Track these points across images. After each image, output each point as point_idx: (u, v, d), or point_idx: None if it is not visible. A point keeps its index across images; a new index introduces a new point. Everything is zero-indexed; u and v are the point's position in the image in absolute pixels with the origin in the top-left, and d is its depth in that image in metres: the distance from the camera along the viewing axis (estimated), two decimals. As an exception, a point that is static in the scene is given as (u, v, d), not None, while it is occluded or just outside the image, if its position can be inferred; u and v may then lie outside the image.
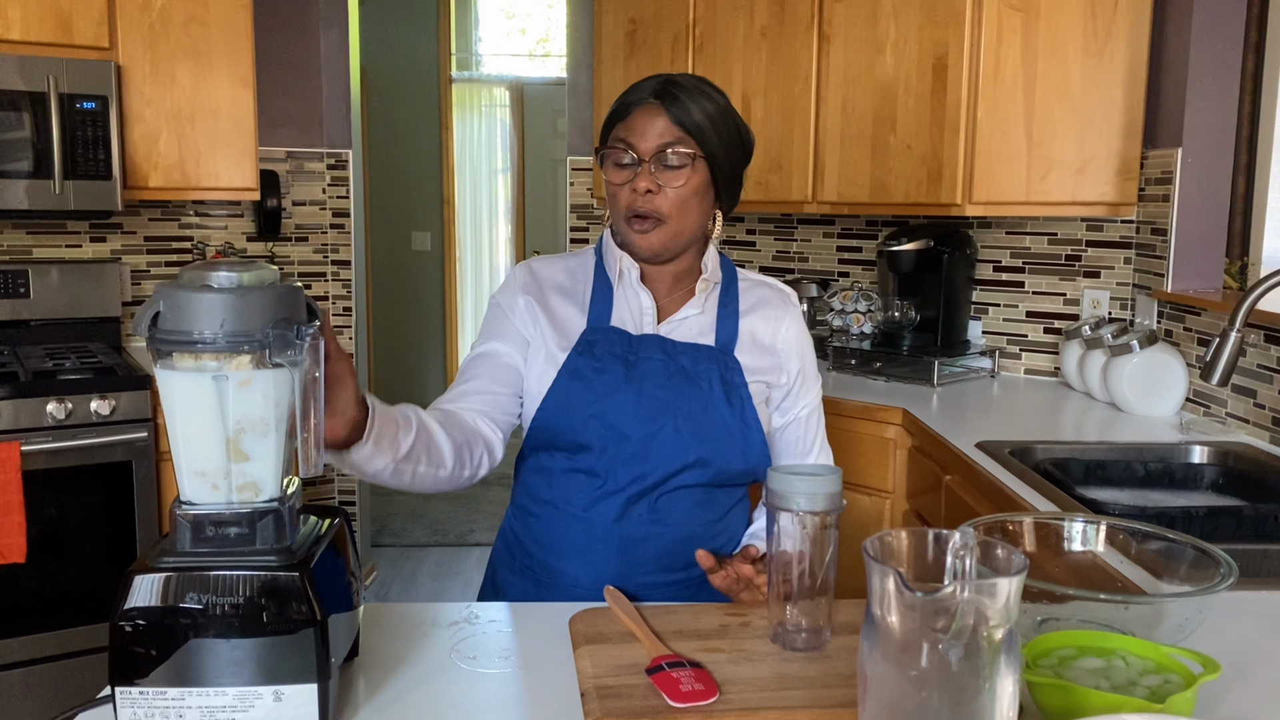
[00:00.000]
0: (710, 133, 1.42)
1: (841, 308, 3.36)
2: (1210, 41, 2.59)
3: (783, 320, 1.54)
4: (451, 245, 6.73)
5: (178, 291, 0.93)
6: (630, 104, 1.44)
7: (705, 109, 1.42)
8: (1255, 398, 2.32)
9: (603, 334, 1.46)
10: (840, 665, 1.11)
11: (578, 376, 1.43)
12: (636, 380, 1.43)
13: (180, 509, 0.96)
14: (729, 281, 1.55)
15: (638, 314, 1.49)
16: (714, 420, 1.44)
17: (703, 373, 1.45)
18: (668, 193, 1.42)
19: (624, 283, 1.50)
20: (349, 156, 3.78)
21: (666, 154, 1.41)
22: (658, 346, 1.46)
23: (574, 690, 1.08)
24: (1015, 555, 0.82)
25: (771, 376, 1.52)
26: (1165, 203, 2.67)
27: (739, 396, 1.46)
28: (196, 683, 0.93)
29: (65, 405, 2.73)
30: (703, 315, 1.51)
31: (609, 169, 1.46)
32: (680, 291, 1.52)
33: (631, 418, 1.42)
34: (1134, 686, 0.98)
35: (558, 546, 1.48)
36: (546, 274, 1.54)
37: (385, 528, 4.83)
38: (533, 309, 1.50)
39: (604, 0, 3.61)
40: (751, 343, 1.51)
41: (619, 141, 1.44)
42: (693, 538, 1.47)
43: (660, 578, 1.47)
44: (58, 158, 2.87)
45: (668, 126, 1.41)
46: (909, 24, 2.85)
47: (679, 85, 1.42)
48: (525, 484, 1.54)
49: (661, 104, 1.41)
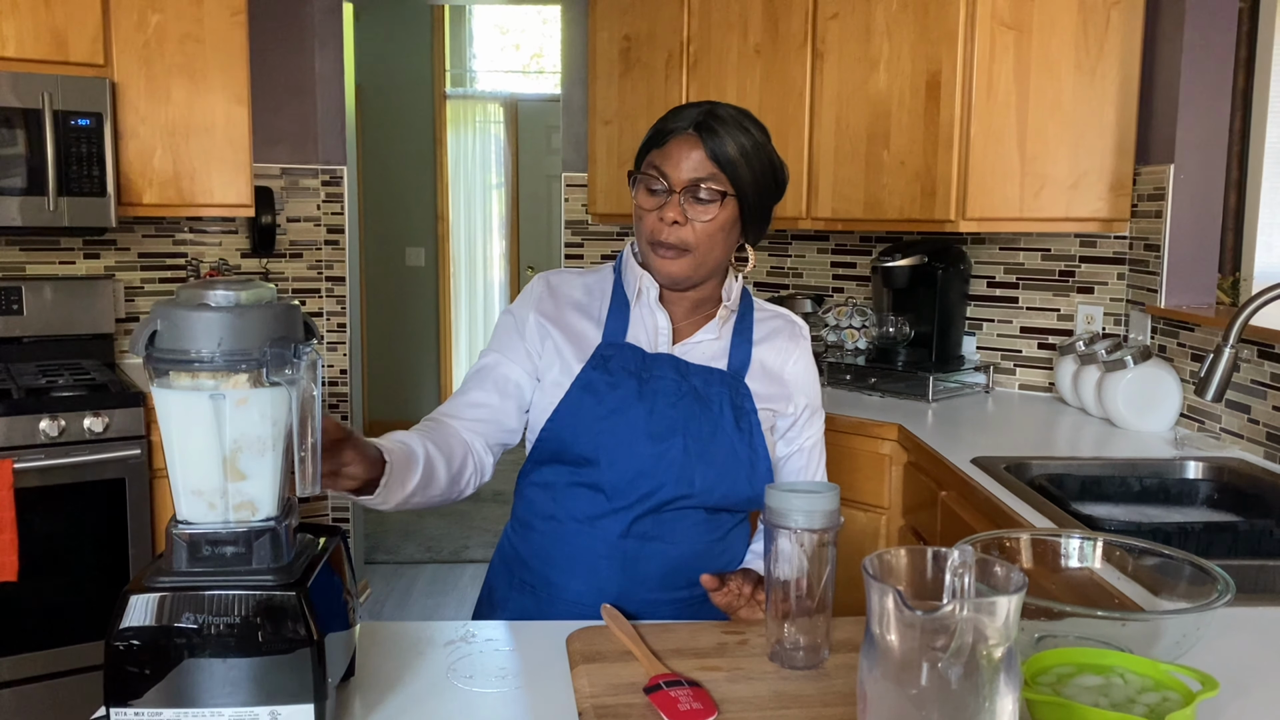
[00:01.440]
0: (744, 170, 1.42)
1: (836, 323, 3.36)
2: (1201, 59, 2.60)
3: (793, 352, 1.55)
4: (446, 261, 6.73)
5: (175, 310, 0.93)
6: (669, 132, 1.43)
7: (742, 145, 1.41)
8: (1249, 413, 2.32)
9: (617, 349, 1.47)
10: (839, 683, 1.11)
11: (590, 390, 1.44)
12: (649, 398, 1.44)
13: (176, 528, 0.96)
14: (745, 310, 1.55)
15: (653, 333, 1.49)
16: (722, 443, 1.44)
17: (714, 395, 1.46)
18: (695, 226, 1.42)
19: (641, 301, 1.50)
20: (344, 173, 3.79)
21: (699, 188, 1.41)
22: (671, 366, 1.46)
23: (571, 710, 1.07)
24: (1014, 573, 0.82)
25: (779, 405, 1.52)
26: (1158, 219, 2.68)
27: (749, 423, 1.46)
28: (192, 703, 0.92)
29: (58, 422, 2.72)
30: (718, 341, 1.51)
31: (640, 193, 1.46)
32: (697, 316, 1.52)
33: (642, 434, 1.42)
34: (1133, 704, 0.97)
35: (560, 561, 1.47)
36: (565, 290, 1.54)
37: (379, 545, 4.81)
38: (544, 328, 1.50)
39: (598, 17, 3.63)
40: (762, 371, 1.52)
41: (653, 169, 1.43)
42: (697, 555, 1.47)
43: (663, 595, 1.46)
44: (52, 174, 2.87)
45: (702, 161, 1.41)
46: (902, 41, 2.87)
47: (719, 119, 1.42)
48: (527, 499, 1.53)
49: (699, 136, 1.41)
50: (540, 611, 1.47)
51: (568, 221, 4.10)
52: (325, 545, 1.06)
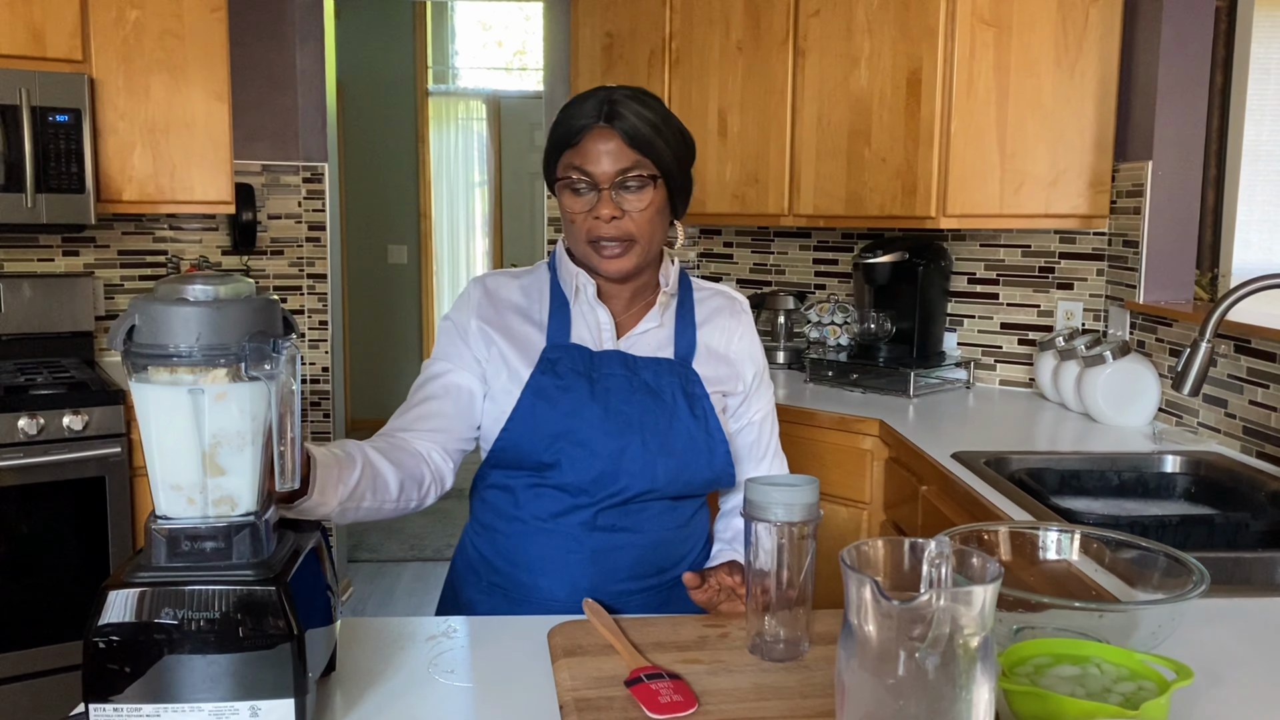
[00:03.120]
0: (662, 147, 1.41)
1: (818, 320, 3.37)
2: (1179, 57, 2.63)
3: (736, 330, 1.56)
4: (428, 259, 6.72)
5: (153, 305, 0.93)
6: (578, 130, 1.40)
7: (652, 122, 1.40)
8: (1226, 407, 2.35)
9: (564, 351, 1.45)
10: (818, 675, 1.12)
11: (543, 395, 1.42)
12: (601, 397, 1.43)
13: (156, 523, 0.95)
14: (685, 293, 1.55)
15: (596, 330, 1.49)
16: (679, 433, 1.44)
17: (665, 386, 1.46)
18: (633, 216, 1.41)
19: (580, 299, 1.49)
20: (325, 170, 3.77)
21: (626, 177, 1.39)
22: (619, 362, 1.46)
23: (553, 703, 1.08)
24: (990, 563, 0.83)
25: (728, 385, 1.53)
26: (1136, 215, 2.70)
27: (702, 408, 1.47)
28: (172, 699, 0.92)
29: (37, 421, 2.70)
30: (661, 329, 1.51)
31: (565, 196, 1.43)
32: (638, 306, 1.52)
33: (600, 434, 1.42)
34: (1108, 693, 0.98)
35: (529, 562, 1.47)
36: (502, 293, 1.52)
37: (362, 543, 4.80)
38: (486, 333, 1.48)
39: (581, 14, 3.63)
40: (708, 354, 1.52)
41: (574, 170, 1.41)
42: (663, 543, 1.48)
43: (634, 585, 1.47)
44: (30, 171, 2.85)
45: (621, 149, 1.39)
46: (883, 39, 2.88)
47: (622, 103, 1.40)
48: (489, 502, 1.52)
49: (611, 125, 1.39)
50: (512, 612, 1.46)
51: (550, 219, 4.10)
52: (305, 540, 1.06)
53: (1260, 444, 2.22)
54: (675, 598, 1.47)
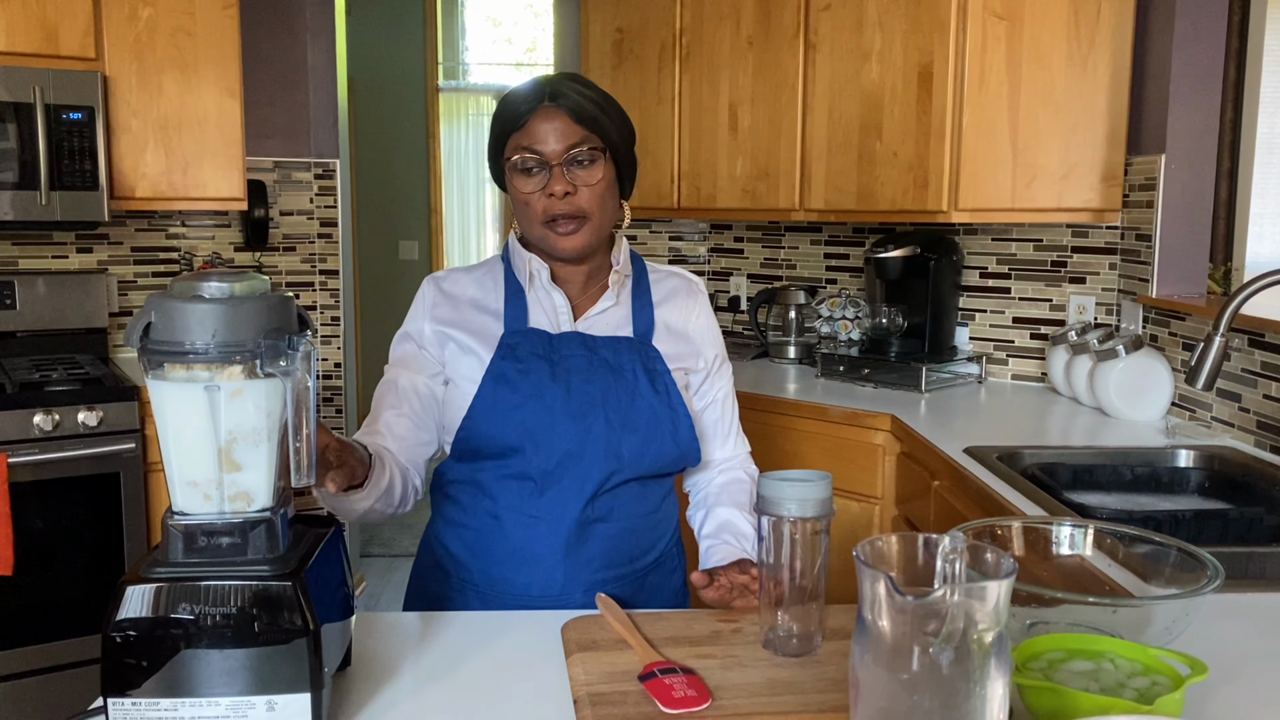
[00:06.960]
0: (607, 123, 1.44)
1: (829, 314, 3.37)
2: (1192, 49, 2.61)
3: (693, 309, 1.57)
4: (439, 254, 6.72)
5: (169, 302, 0.94)
6: (523, 113, 1.42)
7: (595, 100, 1.43)
8: (1240, 401, 2.34)
9: (523, 336, 1.46)
10: (831, 670, 1.12)
11: (503, 380, 1.43)
12: (563, 378, 1.43)
13: (172, 519, 0.96)
14: (640, 274, 1.56)
15: (553, 314, 1.50)
16: (642, 409, 1.45)
17: (625, 364, 1.46)
18: (584, 191, 1.42)
19: (535, 285, 1.50)
20: (336, 166, 3.78)
21: (577, 152, 1.41)
22: (579, 343, 1.47)
23: (567, 697, 1.08)
24: (1004, 559, 0.83)
25: (689, 363, 1.54)
26: (1149, 209, 2.69)
27: (663, 384, 1.47)
28: (189, 693, 0.93)
29: (52, 417, 2.72)
30: (618, 308, 1.52)
31: (516, 179, 1.44)
32: (593, 288, 1.53)
33: (562, 415, 1.42)
34: (1122, 688, 0.98)
35: (501, 557, 1.46)
36: (457, 290, 1.53)
37: (374, 538, 4.81)
38: (442, 334, 1.49)
39: (591, 10, 3.62)
40: (667, 332, 1.53)
41: (523, 150, 1.42)
42: (634, 530, 1.49)
43: (609, 574, 1.47)
44: (44, 169, 2.86)
45: (569, 126, 1.41)
46: (894, 33, 2.87)
47: (561, 82, 1.43)
48: (453, 498, 1.52)
49: (556, 105, 1.41)
50: (485, 608, 1.46)
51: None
52: (321, 535, 1.07)
53: (1274, 438, 2.21)
54: (648, 585, 1.49)
